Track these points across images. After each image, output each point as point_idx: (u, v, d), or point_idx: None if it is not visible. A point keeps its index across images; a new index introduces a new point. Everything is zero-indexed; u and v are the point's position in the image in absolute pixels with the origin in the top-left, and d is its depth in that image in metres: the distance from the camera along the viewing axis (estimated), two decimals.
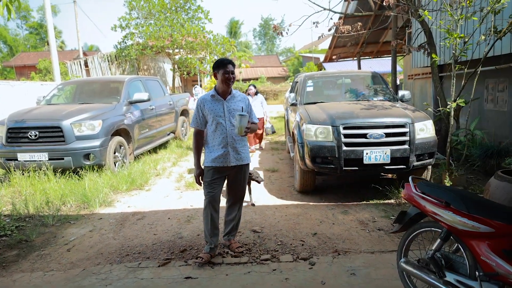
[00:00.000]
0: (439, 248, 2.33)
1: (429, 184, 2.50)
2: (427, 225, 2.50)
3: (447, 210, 2.21)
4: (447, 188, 2.40)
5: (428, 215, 2.38)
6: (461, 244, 2.22)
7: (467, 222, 2.09)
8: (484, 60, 4.87)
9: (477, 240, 2.07)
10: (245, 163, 3.46)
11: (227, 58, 3.40)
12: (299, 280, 3.01)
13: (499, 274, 1.94)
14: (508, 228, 1.96)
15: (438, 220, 2.28)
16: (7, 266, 3.46)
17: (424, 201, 2.38)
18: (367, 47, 14.50)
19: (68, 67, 18.46)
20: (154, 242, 3.86)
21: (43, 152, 5.91)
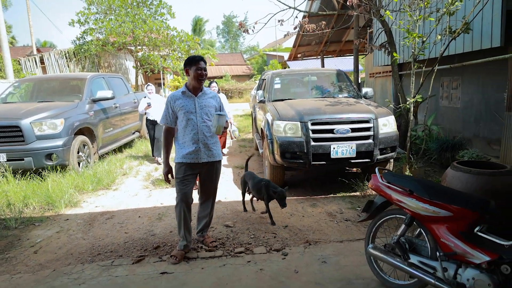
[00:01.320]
0: (403, 233, 2.51)
1: (394, 174, 2.68)
2: (392, 212, 2.69)
3: (410, 198, 2.39)
4: (411, 178, 2.58)
5: (394, 203, 2.55)
6: (423, 229, 2.42)
7: (429, 208, 2.27)
8: (440, 59, 5.20)
9: (437, 224, 2.26)
10: (216, 159, 3.45)
11: (199, 55, 3.40)
12: (273, 270, 3.11)
13: (457, 254, 2.13)
14: (464, 211, 2.16)
15: (403, 207, 2.46)
16: None
17: (390, 190, 2.55)
18: (330, 46, 14.93)
19: (22, 64, 17.48)
20: (126, 241, 3.82)
21: (0, 152, 5.62)
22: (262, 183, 4.13)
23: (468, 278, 2.07)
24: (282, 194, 3.97)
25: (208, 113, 3.37)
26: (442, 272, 2.18)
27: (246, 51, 56.60)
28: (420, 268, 2.34)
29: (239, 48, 59.07)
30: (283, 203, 3.96)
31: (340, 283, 2.84)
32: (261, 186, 4.11)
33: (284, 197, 3.97)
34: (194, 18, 49.59)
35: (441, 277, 2.19)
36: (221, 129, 3.25)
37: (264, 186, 4.07)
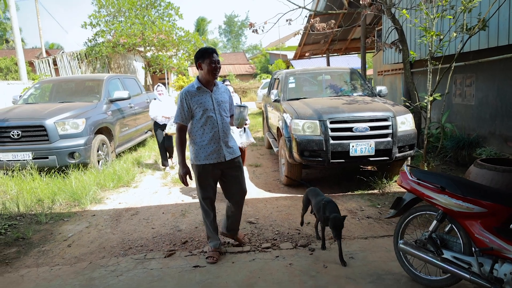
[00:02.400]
0: (435, 229, 2.58)
1: (424, 171, 2.75)
2: (423, 209, 2.76)
3: (443, 194, 2.45)
4: (441, 175, 2.65)
5: (424, 200, 2.62)
6: (455, 225, 2.48)
7: (462, 204, 2.34)
8: (456, 56, 5.26)
9: (471, 220, 2.33)
10: (237, 155, 3.34)
11: (211, 47, 3.20)
12: (303, 265, 3.20)
13: (493, 249, 2.20)
14: (499, 207, 2.23)
15: (434, 204, 2.53)
16: (10, 262, 3.46)
17: (420, 186, 2.62)
18: (336, 44, 14.96)
19: (36, 65, 17.73)
20: (154, 236, 3.93)
21: (26, 151, 5.78)
22: (322, 202, 3.38)
23: (505, 273, 2.13)
24: (337, 221, 3.10)
25: (225, 109, 3.26)
26: (478, 267, 2.24)
27: (248, 50, 56.64)
28: (454, 264, 2.40)
29: (241, 47, 59.14)
30: (337, 233, 3.09)
31: (370, 278, 2.92)
32: (320, 206, 3.38)
33: (339, 226, 3.10)
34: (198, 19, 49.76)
35: (477, 272, 2.25)
36: (244, 122, 3.27)
37: (322, 205, 3.33)
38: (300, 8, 6.97)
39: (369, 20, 11.97)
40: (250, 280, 2.98)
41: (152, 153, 8.42)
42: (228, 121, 3.30)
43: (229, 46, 60.18)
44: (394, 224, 3.93)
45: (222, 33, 61.38)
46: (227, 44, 60.75)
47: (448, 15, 5.15)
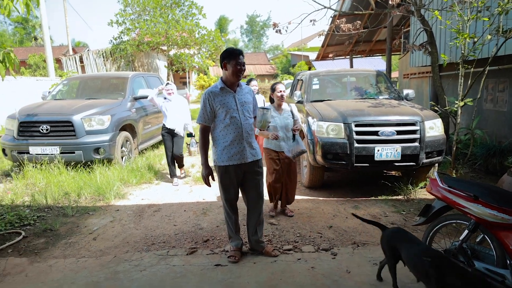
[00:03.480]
0: (466, 239, 2.49)
1: (456, 179, 2.67)
2: (453, 217, 2.66)
3: (476, 203, 2.36)
4: (475, 183, 2.56)
5: (456, 208, 2.53)
6: (489, 235, 2.38)
7: (497, 215, 2.24)
8: (490, 60, 5.08)
9: (506, 231, 2.22)
10: (260, 157, 3.31)
11: (238, 48, 3.18)
12: (325, 268, 3.15)
13: None
14: None
15: (466, 213, 2.43)
16: (39, 252, 3.57)
17: (452, 194, 2.53)
18: (360, 46, 14.75)
19: (64, 63, 18.29)
20: (176, 233, 3.97)
21: (54, 145, 5.94)
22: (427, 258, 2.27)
23: None
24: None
25: (249, 110, 3.23)
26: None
27: (270, 50, 56.60)
28: (486, 276, 2.32)
29: (262, 47, 59.17)
30: None
31: None
32: (425, 264, 2.25)
33: None
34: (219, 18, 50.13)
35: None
36: (266, 124, 3.24)
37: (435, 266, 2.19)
38: (325, 9, 6.89)
39: (396, 21, 11.73)
40: (271, 282, 2.96)
41: None
42: (252, 122, 3.28)
43: (250, 46, 60.36)
44: (420, 231, 3.83)
45: (244, 33, 61.62)
46: (248, 44, 60.95)
47: (483, 16, 4.98)
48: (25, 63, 24.57)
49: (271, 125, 3.91)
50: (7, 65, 5.02)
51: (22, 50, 33.84)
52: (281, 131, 4.14)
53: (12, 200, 4.96)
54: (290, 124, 4.17)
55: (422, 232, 3.73)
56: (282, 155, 4.20)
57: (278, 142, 4.14)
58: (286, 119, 4.19)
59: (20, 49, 34.37)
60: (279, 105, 4.22)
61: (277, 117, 4.16)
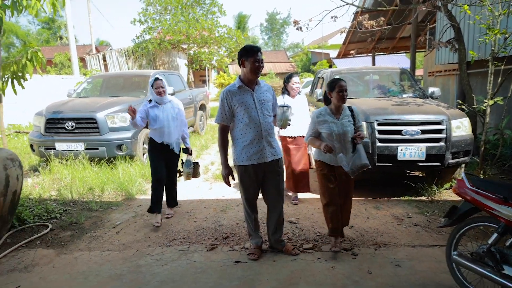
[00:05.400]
0: (495, 243, 2.40)
1: (483, 180, 2.57)
2: (481, 220, 2.57)
3: (506, 206, 2.27)
4: (503, 184, 2.47)
5: (484, 210, 2.44)
6: None
7: None
8: None
9: None
10: (280, 156, 3.25)
11: (256, 45, 3.11)
12: (346, 268, 3.11)
13: None
14: None
15: (495, 215, 2.34)
16: (65, 245, 3.70)
17: (480, 196, 2.45)
18: (383, 43, 14.45)
19: (87, 61, 18.76)
20: (196, 229, 4.01)
21: (79, 142, 6.10)
22: None
23: None
24: None
25: (268, 108, 3.16)
26: None
27: (289, 48, 56.26)
28: None
29: (282, 45, 58.87)
30: None
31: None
32: None
33: None
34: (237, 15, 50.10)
35: None
36: (287, 122, 3.18)
37: None
38: (347, 5, 6.78)
39: (421, 17, 11.44)
40: (291, 280, 2.94)
41: (193, 148, 8.58)
42: (271, 120, 3.23)
43: (270, 44, 60.15)
44: (445, 233, 3.73)
45: (263, 31, 61.50)
46: (268, 41, 60.78)
47: None
48: (51, 62, 25.36)
49: (325, 132, 3.28)
50: (35, 63, 5.20)
51: (48, 49, 34.90)
52: (338, 140, 3.26)
53: (39, 194, 5.13)
54: (351, 131, 3.28)
55: (446, 234, 3.65)
56: (338, 170, 3.36)
57: (334, 154, 3.31)
58: (344, 125, 3.27)
59: (46, 49, 35.47)
60: (337, 107, 3.30)
61: (333, 122, 3.27)
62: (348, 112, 3.35)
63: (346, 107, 3.38)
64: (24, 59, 5.14)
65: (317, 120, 3.31)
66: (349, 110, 3.38)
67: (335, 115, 3.30)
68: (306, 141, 3.48)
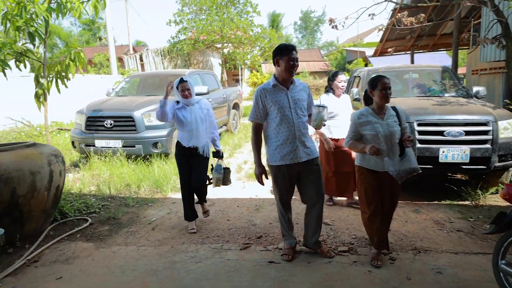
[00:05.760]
0: None
1: None
2: None
3: None
4: None
5: None
6: None
7: None
8: None
9: None
10: (315, 156, 3.15)
11: (291, 44, 3.07)
12: (383, 273, 3.00)
13: None
14: None
15: None
16: (104, 239, 3.82)
17: None
18: (423, 40, 13.88)
19: (125, 61, 19.42)
20: (230, 227, 4.02)
21: (117, 139, 6.30)
22: None
23: None
24: None
25: (302, 108, 3.09)
26: None
27: (323, 46, 55.54)
28: None
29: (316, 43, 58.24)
30: None
31: None
32: None
33: None
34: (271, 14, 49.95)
35: None
36: (322, 122, 3.10)
37: None
38: (385, 2, 6.57)
39: (465, 13, 10.90)
40: (326, 283, 2.87)
41: (227, 147, 8.64)
42: (306, 120, 3.15)
43: (304, 43, 59.64)
44: (491, 241, 3.52)
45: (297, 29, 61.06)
46: (301, 40, 60.32)
47: None
48: (90, 62, 26.45)
49: (369, 133, 3.03)
50: (77, 63, 5.42)
51: (88, 50, 36.41)
52: (385, 142, 3.01)
53: (80, 189, 5.34)
54: (397, 132, 3.04)
55: (493, 241, 3.44)
56: (384, 176, 3.07)
57: (380, 158, 3.04)
58: (390, 126, 3.03)
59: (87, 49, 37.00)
60: (380, 107, 3.06)
61: (378, 123, 3.03)
62: (393, 112, 3.10)
63: (390, 107, 3.12)
64: (68, 59, 5.37)
65: (359, 122, 3.06)
66: (393, 110, 3.13)
67: (378, 115, 3.05)
68: (346, 146, 3.20)
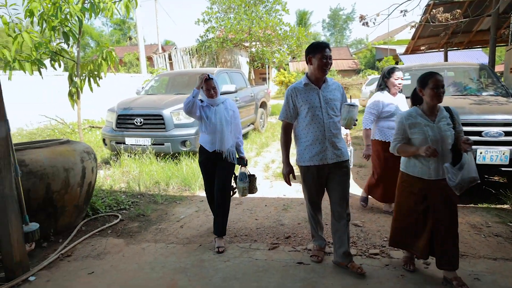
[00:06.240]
0: None
1: None
2: None
3: None
4: None
5: None
6: None
7: None
8: None
9: None
10: (345, 159, 3.02)
11: (324, 41, 2.98)
12: (417, 278, 2.89)
13: None
14: None
15: None
16: (133, 235, 3.89)
17: None
18: (457, 37, 13.34)
19: (154, 60, 19.81)
20: (258, 227, 4.00)
21: (146, 137, 6.42)
22: None
23: None
24: None
25: (334, 108, 2.98)
26: None
27: (352, 44, 54.64)
28: None
29: (344, 41, 57.41)
30: None
31: None
32: None
33: None
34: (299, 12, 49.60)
35: None
36: (352, 122, 2.94)
37: None
38: None
39: (503, 8, 10.40)
40: (357, 286, 2.80)
41: (254, 146, 8.64)
42: (337, 120, 3.04)
43: (332, 41, 58.88)
44: None
45: (325, 27, 60.39)
46: (330, 38, 59.60)
47: None
48: (121, 61, 27.19)
49: (417, 137, 2.73)
50: (109, 62, 5.55)
51: (119, 49, 37.42)
52: (435, 147, 2.62)
53: (110, 185, 5.47)
54: (451, 137, 2.70)
55: None
56: (435, 186, 2.75)
57: (428, 163, 2.72)
58: (442, 129, 2.69)
59: (117, 48, 38.01)
60: (431, 107, 2.73)
61: (428, 125, 2.71)
62: (446, 114, 2.75)
63: (443, 108, 2.79)
64: (100, 59, 5.52)
65: (407, 123, 2.77)
66: (447, 111, 2.79)
67: (429, 117, 2.74)
68: (394, 150, 2.89)
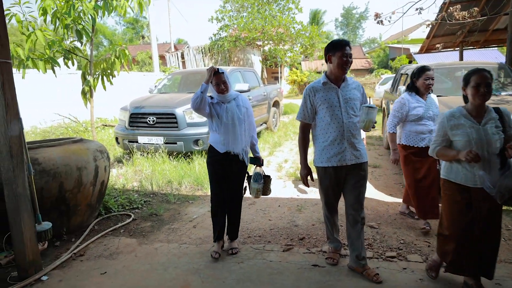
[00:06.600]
0: None
1: None
2: None
3: None
4: None
5: None
6: None
7: None
8: None
9: None
10: (364, 160, 2.94)
11: (345, 39, 2.87)
12: (435, 282, 2.80)
13: None
14: None
15: None
16: (146, 235, 3.87)
17: None
18: (473, 36, 13.03)
19: (167, 59, 19.93)
20: (271, 228, 3.94)
21: (159, 136, 6.42)
22: None
23: None
24: None
25: (354, 107, 2.89)
26: None
27: (365, 43, 54.11)
28: None
29: (357, 40, 56.91)
30: None
31: None
32: None
33: None
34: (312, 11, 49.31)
35: None
36: (371, 124, 2.85)
37: None
38: None
39: None
40: None
41: (267, 145, 8.58)
42: (357, 120, 2.94)
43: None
44: None
45: (338, 26, 59.98)
46: (342, 37, 59.21)
47: None
48: (134, 59, 27.39)
49: (459, 140, 2.51)
50: (122, 61, 5.56)
51: (131, 48, 37.65)
52: (480, 152, 2.41)
53: (123, 184, 5.48)
54: (499, 141, 2.44)
55: None
56: (478, 194, 2.49)
57: (472, 169, 2.48)
58: (489, 132, 2.45)
59: (130, 47, 38.27)
60: (476, 108, 2.50)
61: (472, 127, 2.48)
62: (495, 115, 2.49)
63: (491, 108, 2.55)
64: (113, 57, 5.53)
65: (449, 124, 2.55)
66: (496, 112, 2.53)
67: (475, 118, 2.51)
68: (433, 153, 2.70)
